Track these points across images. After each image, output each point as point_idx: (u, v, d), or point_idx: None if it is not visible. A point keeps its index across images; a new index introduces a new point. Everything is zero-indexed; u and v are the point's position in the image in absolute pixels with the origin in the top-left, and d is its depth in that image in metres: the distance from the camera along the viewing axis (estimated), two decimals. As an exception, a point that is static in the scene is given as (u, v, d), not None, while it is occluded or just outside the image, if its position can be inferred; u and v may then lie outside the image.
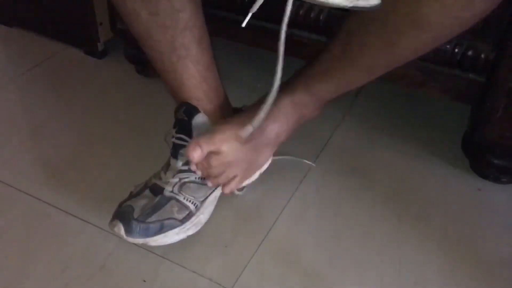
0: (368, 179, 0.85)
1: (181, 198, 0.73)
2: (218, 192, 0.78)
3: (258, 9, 0.54)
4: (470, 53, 0.75)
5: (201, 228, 0.76)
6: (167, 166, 0.75)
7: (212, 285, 0.69)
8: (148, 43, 0.71)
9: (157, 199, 0.72)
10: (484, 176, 0.86)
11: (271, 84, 0.59)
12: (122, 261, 0.72)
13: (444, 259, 0.73)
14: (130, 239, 0.69)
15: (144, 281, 0.70)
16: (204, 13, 0.71)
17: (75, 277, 0.70)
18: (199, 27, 0.71)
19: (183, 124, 0.74)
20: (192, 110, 0.73)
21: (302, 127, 0.77)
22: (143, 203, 0.71)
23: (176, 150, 0.74)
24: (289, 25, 0.85)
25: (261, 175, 0.85)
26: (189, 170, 0.74)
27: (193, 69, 0.73)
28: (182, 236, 0.73)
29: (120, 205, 0.72)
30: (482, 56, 0.75)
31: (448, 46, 0.77)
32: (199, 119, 0.73)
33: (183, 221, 0.72)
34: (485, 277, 0.71)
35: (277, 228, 0.77)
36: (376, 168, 0.88)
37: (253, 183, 0.82)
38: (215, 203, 0.78)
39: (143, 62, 1.07)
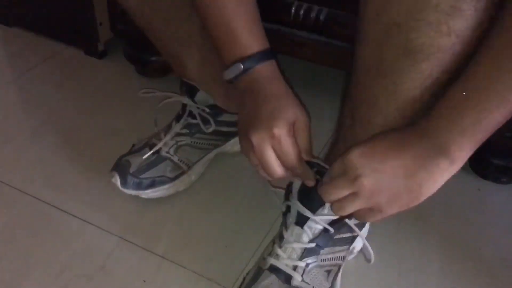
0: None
1: (175, 159, 0.79)
2: (212, 154, 0.83)
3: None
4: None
5: (201, 227, 0.77)
6: (167, 128, 0.81)
7: (212, 285, 0.69)
8: (150, 33, 0.76)
9: (153, 158, 0.78)
10: (484, 176, 0.86)
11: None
12: (122, 261, 0.72)
13: (444, 259, 0.73)
14: (125, 190, 0.76)
15: (144, 281, 0.70)
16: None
17: (75, 277, 0.70)
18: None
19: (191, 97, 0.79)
20: (193, 88, 0.78)
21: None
22: (140, 160, 0.77)
23: (181, 116, 0.79)
24: (289, 25, 0.86)
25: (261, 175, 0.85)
26: (186, 134, 0.79)
27: (197, 54, 0.76)
28: (172, 191, 0.79)
29: (120, 158, 0.79)
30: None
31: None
32: (201, 96, 0.79)
33: (173, 179, 0.78)
34: (485, 277, 0.71)
35: (277, 227, 0.76)
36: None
37: (253, 183, 0.82)
38: (206, 165, 0.84)
39: (143, 62, 1.07)
